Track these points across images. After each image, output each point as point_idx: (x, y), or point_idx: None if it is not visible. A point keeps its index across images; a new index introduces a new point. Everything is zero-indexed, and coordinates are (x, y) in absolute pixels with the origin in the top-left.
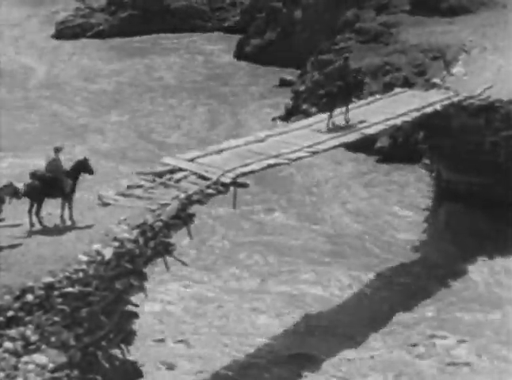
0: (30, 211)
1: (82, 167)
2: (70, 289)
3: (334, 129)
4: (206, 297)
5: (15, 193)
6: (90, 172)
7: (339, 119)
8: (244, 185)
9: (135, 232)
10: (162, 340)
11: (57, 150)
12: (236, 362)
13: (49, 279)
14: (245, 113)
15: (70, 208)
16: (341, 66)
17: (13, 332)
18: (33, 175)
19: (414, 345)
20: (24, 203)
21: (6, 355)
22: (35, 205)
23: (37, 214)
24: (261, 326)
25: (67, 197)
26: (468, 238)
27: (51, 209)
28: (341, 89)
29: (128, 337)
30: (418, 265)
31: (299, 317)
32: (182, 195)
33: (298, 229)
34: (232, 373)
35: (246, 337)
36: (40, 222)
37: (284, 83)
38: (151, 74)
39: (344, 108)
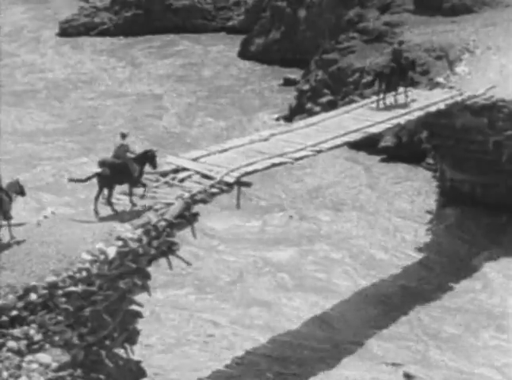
0: (96, 198)
1: (149, 157)
2: (73, 288)
3: (388, 108)
4: None
5: (20, 191)
6: (154, 165)
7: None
8: (248, 184)
9: (139, 231)
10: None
11: (123, 136)
12: None
13: (52, 279)
14: (249, 112)
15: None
16: (395, 49)
17: (16, 331)
18: (103, 163)
19: None
20: (27, 202)
21: (10, 354)
22: (103, 192)
23: (108, 200)
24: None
25: (136, 182)
26: (472, 238)
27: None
28: (394, 70)
29: (131, 336)
30: (421, 267)
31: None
32: (186, 195)
33: (297, 230)
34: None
35: None
36: (112, 208)
37: (288, 82)
38: (155, 73)
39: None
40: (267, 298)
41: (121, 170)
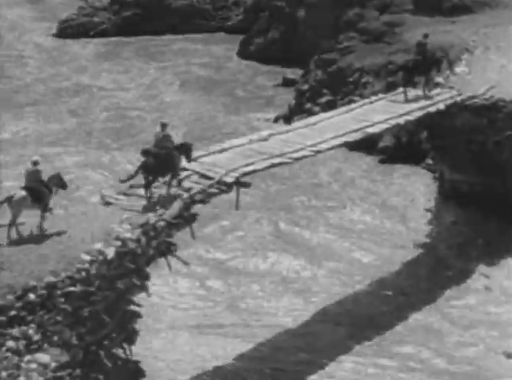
0: (146, 187)
1: (185, 150)
2: (72, 288)
3: (412, 100)
4: None
5: (62, 184)
6: (189, 158)
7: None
8: (247, 185)
9: (138, 231)
10: None
11: (164, 126)
12: None
13: (51, 279)
14: (248, 112)
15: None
16: (420, 42)
17: (15, 331)
18: (146, 152)
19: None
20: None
21: (9, 354)
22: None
23: (148, 188)
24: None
25: (178, 172)
26: (471, 238)
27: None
28: (418, 63)
29: (130, 336)
30: (420, 267)
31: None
32: (185, 195)
33: (298, 230)
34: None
35: None
36: (150, 198)
37: (287, 82)
38: (153, 73)
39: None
40: (261, 300)
41: (165, 160)
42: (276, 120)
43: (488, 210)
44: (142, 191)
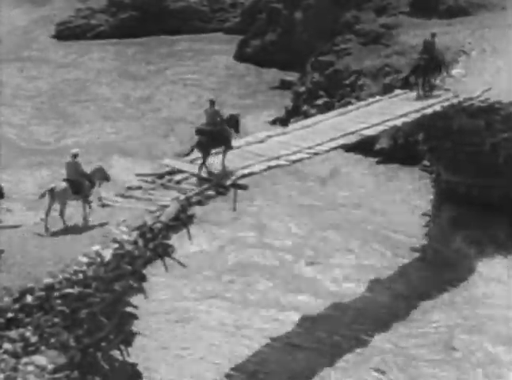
0: (203, 165)
1: (233, 122)
2: (69, 290)
3: (423, 98)
4: None
5: (105, 177)
6: (238, 130)
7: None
8: (244, 187)
9: (135, 233)
10: None
11: (213, 103)
12: None
13: (49, 281)
14: (245, 114)
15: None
16: (428, 41)
17: (12, 333)
18: (200, 131)
19: None
20: (24, 205)
21: (6, 356)
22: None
23: (204, 164)
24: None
25: (229, 144)
26: (468, 240)
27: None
28: (427, 62)
29: (127, 338)
30: (418, 269)
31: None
32: (182, 197)
33: (297, 232)
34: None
35: None
36: (209, 170)
37: (284, 84)
38: (148, 74)
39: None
40: (265, 299)
41: (218, 135)
42: (273, 122)
43: (485, 211)
44: (139, 194)
